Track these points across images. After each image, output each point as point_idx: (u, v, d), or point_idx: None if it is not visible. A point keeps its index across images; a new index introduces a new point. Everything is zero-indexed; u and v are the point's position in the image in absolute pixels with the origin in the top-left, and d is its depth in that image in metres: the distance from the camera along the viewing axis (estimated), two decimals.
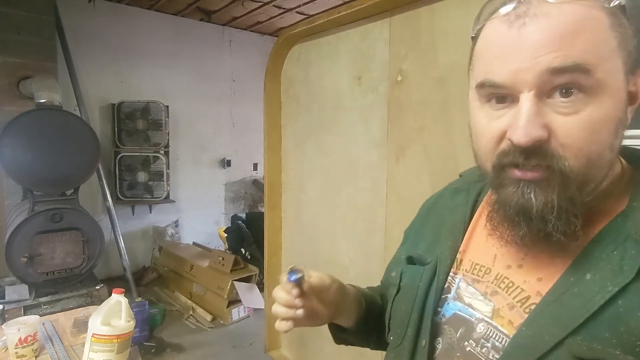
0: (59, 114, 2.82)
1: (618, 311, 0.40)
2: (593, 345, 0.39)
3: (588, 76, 0.40)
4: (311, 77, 2.22)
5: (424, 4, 1.59)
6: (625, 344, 0.38)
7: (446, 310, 0.55)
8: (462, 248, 0.58)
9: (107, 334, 1.09)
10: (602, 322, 0.40)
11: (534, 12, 0.42)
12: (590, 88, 0.41)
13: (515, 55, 0.43)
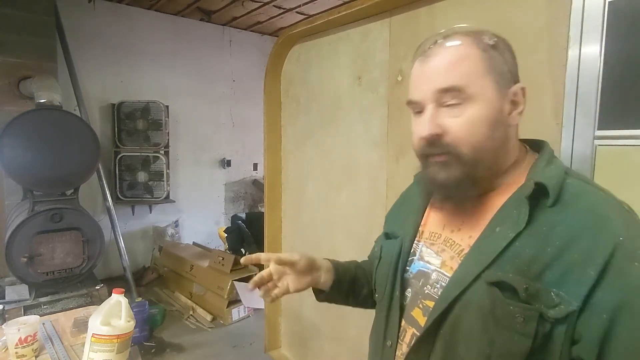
0: (59, 114, 2.82)
1: (516, 250, 0.58)
2: (498, 274, 0.58)
3: (462, 92, 0.61)
4: (311, 77, 2.22)
5: (423, 4, 1.59)
6: (519, 270, 0.57)
7: (413, 268, 0.74)
8: (423, 222, 0.78)
9: (107, 334, 1.09)
10: (506, 258, 0.59)
11: (434, 53, 0.64)
12: (466, 99, 0.62)
13: (422, 82, 0.65)
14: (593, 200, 0.60)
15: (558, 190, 0.60)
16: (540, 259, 0.56)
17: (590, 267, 0.53)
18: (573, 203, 0.59)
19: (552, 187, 0.60)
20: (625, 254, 0.53)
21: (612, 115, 1.06)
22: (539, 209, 0.60)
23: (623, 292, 0.52)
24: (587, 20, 1.10)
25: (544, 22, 1.22)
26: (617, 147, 1.06)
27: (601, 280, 0.52)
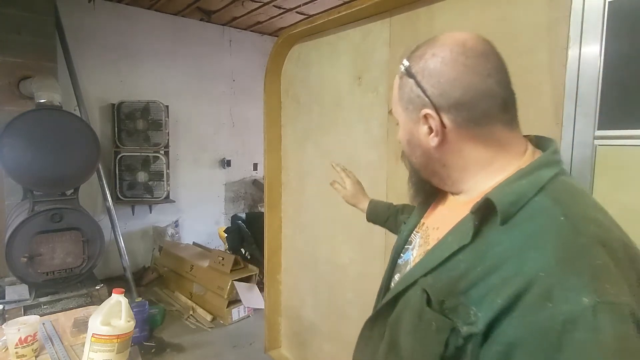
0: (59, 114, 2.82)
1: (455, 262, 0.58)
2: (429, 282, 0.60)
3: (393, 115, 0.71)
4: (311, 77, 2.22)
5: (423, 4, 1.59)
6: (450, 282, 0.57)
7: (405, 256, 0.78)
8: (426, 215, 0.79)
9: (107, 334, 1.09)
10: (445, 268, 0.59)
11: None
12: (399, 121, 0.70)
13: None
14: (542, 224, 0.53)
15: (510, 209, 0.55)
16: (470, 275, 0.55)
17: (501, 295, 0.50)
18: (523, 225, 0.54)
19: (503, 205, 0.55)
20: (541, 292, 0.47)
21: (612, 115, 1.06)
22: (490, 225, 0.57)
23: (524, 330, 0.48)
24: (587, 20, 1.10)
25: (544, 22, 1.22)
26: (617, 147, 1.06)
27: (509, 312, 0.49)
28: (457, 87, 0.60)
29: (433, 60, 0.62)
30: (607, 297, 0.45)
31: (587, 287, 0.46)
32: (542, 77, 1.23)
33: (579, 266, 0.48)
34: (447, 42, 0.63)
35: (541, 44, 1.23)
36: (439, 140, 0.63)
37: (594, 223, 0.54)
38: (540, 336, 0.46)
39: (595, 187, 1.09)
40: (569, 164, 1.14)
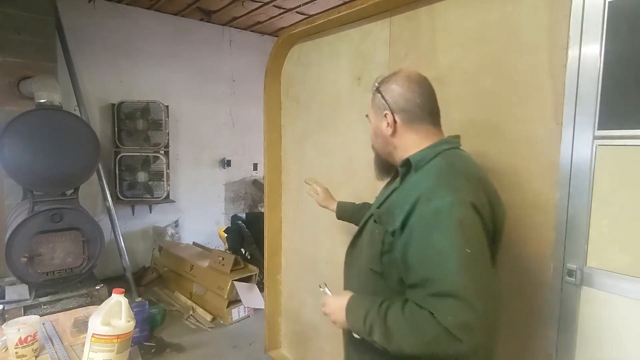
0: (59, 114, 2.82)
1: (391, 198, 1.00)
2: (377, 211, 1.01)
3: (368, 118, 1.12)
4: (311, 77, 2.22)
5: (424, 4, 1.59)
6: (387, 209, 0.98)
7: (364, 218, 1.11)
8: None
9: (107, 334, 1.09)
10: (386, 203, 1.01)
11: None
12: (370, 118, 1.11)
13: None
14: (431, 169, 0.94)
15: (419, 163, 0.97)
16: (396, 202, 0.97)
17: (408, 204, 0.89)
18: (424, 170, 0.96)
19: (415, 161, 0.98)
20: (426, 197, 0.87)
21: (612, 115, 1.06)
22: (410, 175, 1.00)
23: (418, 217, 0.87)
24: (587, 20, 1.10)
25: (544, 22, 1.22)
26: (617, 147, 1.06)
27: (412, 211, 0.88)
28: (403, 100, 1.02)
29: (391, 84, 1.05)
30: (459, 197, 0.85)
31: (450, 193, 0.86)
32: (542, 77, 1.23)
33: (446, 184, 0.88)
34: (400, 74, 1.06)
35: (541, 44, 1.23)
36: (392, 131, 1.04)
37: (461, 167, 0.95)
38: (425, 219, 0.86)
39: (595, 187, 1.09)
40: (569, 164, 1.14)
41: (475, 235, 0.84)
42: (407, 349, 0.83)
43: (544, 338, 1.24)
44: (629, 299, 1.05)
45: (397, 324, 0.84)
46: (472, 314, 0.76)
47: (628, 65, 1.02)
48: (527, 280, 1.30)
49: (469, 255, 0.80)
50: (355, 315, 0.93)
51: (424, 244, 0.84)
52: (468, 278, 0.79)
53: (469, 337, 0.76)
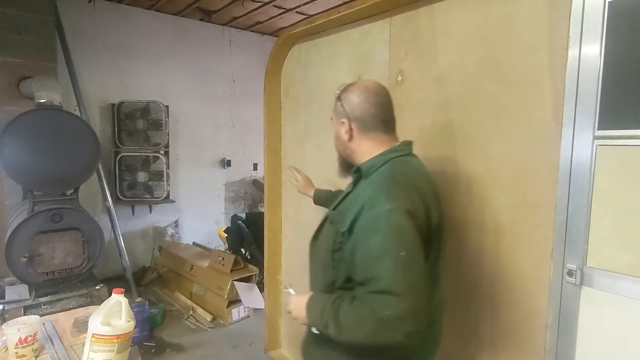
0: (59, 114, 2.82)
1: (344, 202, 1.11)
2: (331, 213, 1.13)
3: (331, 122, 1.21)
4: (311, 77, 2.22)
5: (424, 4, 1.59)
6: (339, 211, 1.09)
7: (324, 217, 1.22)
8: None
9: (107, 334, 1.09)
10: (340, 206, 1.11)
11: None
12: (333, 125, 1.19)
13: None
14: (376, 177, 1.06)
15: (368, 171, 1.09)
16: (347, 205, 1.08)
17: (355, 209, 1.01)
18: (372, 178, 1.07)
19: (364, 169, 1.11)
20: (369, 205, 0.98)
21: (612, 115, 1.06)
22: (361, 181, 1.11)
23: (362, 223, 0.99)
24: (587, 20, 1.10)
25: (544, 22, 1.22)
26: (617, 147, 1.06)
27: (358, 217, 0.99)
28: (359, 110, 1.11)
29: (350, 93, 1.13)
30: (396, 205, 0.95)
31: (388, 202, 0.96)
32: (542, 77, 1.23)
33: (386, 192, 0.98)
34: (359, 85, 1.15)
35: (541, 44, 1.23)
36: (348, 137, 1.14)
37: (402, 176, 1.05)
38: (367, 225, 0.97)
39: (595, 187, 1.09)
40: (569, 164, 1.14)
41: (409, 239, 0.94)
42: (354, 339, 0.97)
43: (544, 338, 1.24)
44: (629, 299, 1.05)
45: (346, 318, 0.96)
46: (404, 308, 0.89)
47: (628, 65, 1.02)
48: (527, 280, 1.30)
49: (403, 258, 0.92)
50: (314, 312, 1.05)
51: (366, 247, 0.96)
52: (401, 277, 0.91)
53: (401, 327, 0.89)
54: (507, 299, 1.37)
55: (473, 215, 1.46)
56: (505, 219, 1.36)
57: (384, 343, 0.94)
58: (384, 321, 0.89)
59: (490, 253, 1.42)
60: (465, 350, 1.53)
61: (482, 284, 1.45)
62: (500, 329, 1.41)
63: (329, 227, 1.11)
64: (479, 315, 1.47)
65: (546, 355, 1.23)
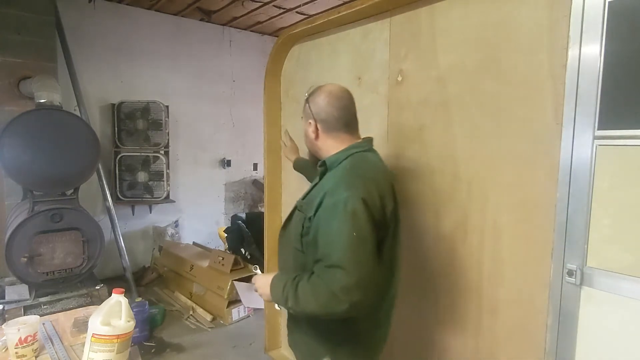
0: (59, 114, 2.82)
1: (311, 192, 1.23)
2: (300, 202, 1.25)
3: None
4: (311, 77, 2.22)
5: (424, 4, 1.59)
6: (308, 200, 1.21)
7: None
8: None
9: (107, 334, 1.09)
10: (308, 195, 1.23)
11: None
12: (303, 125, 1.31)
13: None
14: (338, 170, 1.19)
15: (332, 165, 1.22)
16: (314, 194, 1.19)
17: (319, 198, 1.14)
18: (334, 171, 1.20)
19: (329, 163, 1.23)
20: (330, 193, 1.12)
21: (612, 115, 1.06)
22: (327, 174, 1.22)
23: (323, 209, 1.12)
24: (587, 20, 1.10)
25: (544, 22, 1.22)
26: (617, 147, 1.06)
27: (320, 204, 1.12)
28: (323, 111, 1.23)
29: (316, 97, 1.25)
30: (353, 193, 1.07)
31: (346, 190, 1.08)
32: (542, 77, 1.23)
33: (345, 183, 1.11)
34: (324, 89, 1.26)
35: (541, 44, 1.23)
36: (315, 136, 1.27)
37: (361, 169, 1.17)
38: (328, 209, 1.10)
39: (595, 187, 1.09)
40: (569, 164, 1.14)
41: (361, 223, 1.06)
42: (308, 310, 1.08)
43: (544, 338, 1.24)
44: (629, 299, 1.05)
45: (303, 292, 1.08)
46: (349, 281, 1.02)
47: (628, 65, 1.02)
48: (527, 280, 1.30)
49: (354, 238, 1.05)
50: (277, 289, 1.16)
51: (326, 228, 1.10)
52: (351, 254, 1.04)
53: (347, 296, 1.01)
54: (507, 299, 1.38)
55: (473, 215, 1.46)
56: (505, 219, 1.36)
57: (333, 313, 1.05)
58: (333, 292, 1.02)
59: (490, 253, 1.42)
60: (465, 350, 1.53)
61: (482, 284, 1.45)
62: (500, 329, 1.41)
63: (298, 214, 1.23)
64: (479, 315, 1.47)
65: (546, 355, 1.23)
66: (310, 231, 1.15)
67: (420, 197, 1.66)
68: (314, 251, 1.13)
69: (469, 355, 1.51)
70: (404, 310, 1.80)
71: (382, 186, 1.16)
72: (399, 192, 1.30)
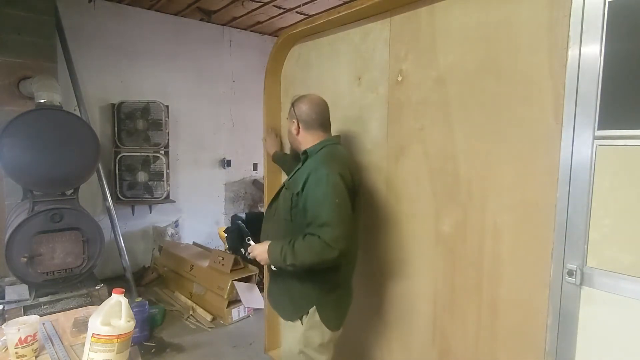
0: (59, 114, 2.82)
1: (295, 174, 1.59)
2: (287, 182, 1.62)
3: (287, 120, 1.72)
4: (311, 77, 2.22)
5: (424, 4, 1.59)
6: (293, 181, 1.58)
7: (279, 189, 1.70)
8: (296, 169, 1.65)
9: (107, 334, 1.09)
10: (293, 177, 1.60)
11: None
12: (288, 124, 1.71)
13: None
14: (318, 156, 1.53)
15: (312, 153, 1.56)
16: (298, 177, 1.52)
17: (304, 177, 1.47)
18: (313, 158, 1.54)
19: (309, 151, 1.58)
20: (313, 172, 1.46)
21: (612, 115, 1.06)
22: (307, 161, 1.56)
23: (309, 184, 1.45)
24: (587, 20, 1.10)
25: (544, 22, 1.22)
26: (617, 147, 1.06)
27: (307, 181, 1.45)
28: (305, 115, 1.61)
29: (300, 103, 1.63)
30: (332, 170, 1.44)
31: (326, 168, 1.44)
32: (542, 77, 1.23)
33: (325, 164, 1.47)
34: (306, 97, 1.64)
35: (541, 44, 1.23)
36: (296, 132, 1.63)
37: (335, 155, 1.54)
38: (313, 183, 1.44)
39: (595, 187, 1.09)
40: (569, 164, 1.14)
41: (340, 192, 1.42)
42: (307, 261, 1.40)
43: (544, 338, 1.24)
44: (629, 299, 1.05)
45: (300, 247, 1.41)
46: (337, 234, 1.37)
47: (628, 65, 1.02)
48: (527, 280, 1.30)
49: (337, 203, 1.40)
50: (275, 252, 1.47)
51: (313, 197, 1.43)
52: (336, 215, 1.39)
53: (337, 245, 1.36)
54: (507, 299, 1.38)
55: (473, 215, 1.46)
56: (505, 219, 1.36)
57: (326, 260, 1.38)
58: (327, 243, 1.36)
59: (490, 253, 1.42)
60: (465, 350, 1.53)
61: (482, 284, 1.45)
62: (500, 329, 1.41)
63: (285, 192, 1.57)
64: (479, 315, 1.47)
65: (546, 355, 1.23)
66: (299, 203, 1.48)
67: (420, 197, 1.66)
68: (302, 218, 1.47)
69: (469, 355, 1.51)
70: (405, 310, 1.80)
71: (350, 167, 1.55)
72: (399, 192, 1.29)
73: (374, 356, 1.95)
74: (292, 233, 1.49)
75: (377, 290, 1.89)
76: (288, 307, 1.60)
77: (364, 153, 1.91)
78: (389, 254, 1.81)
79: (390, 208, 1.79)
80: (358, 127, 1.94)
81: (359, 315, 1.92)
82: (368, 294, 1.92)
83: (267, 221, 1.71)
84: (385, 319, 1.88)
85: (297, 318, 1.56)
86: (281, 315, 1.65)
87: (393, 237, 1.79)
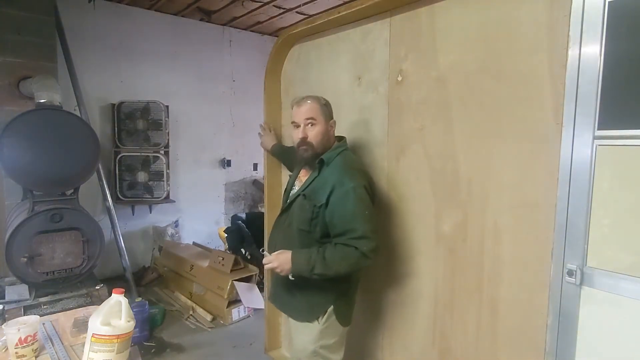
0: (59, 114, 2.82)
1: (313, 183, 1.59)
2: (305, 191, 1.59)
3: (314, 119, 1.58)
4: (311, 77, 2.22)
5: (424, 4, 1.59)
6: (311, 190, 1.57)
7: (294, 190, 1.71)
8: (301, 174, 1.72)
9: (107, 334, 1.09)
10: (310, 186, 1.59)
11: (302, 104, 1.61)
12: (315, 123, 1.58)
13: (298, 114, 1.60)
14: (336, 165, 1.55)
15: (329, 161, 1.57)
16: (318, 187, 1.55)
17: (328, 189, 1.50)
18: (332, 166, 1.56)
19: (326, 159, 1.57)
20: (339, 184, 1.49)
21: (612, 115, 1.06)
22: (324, 168, 1.56)
23: (335, 197, 1.49)
24: (587, 20, 1.10)
25: (544, 22, 1.22)
26: (617, 147, 1.06)
27: (331, 194, 1.49)
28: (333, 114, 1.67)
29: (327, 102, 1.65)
30: (357, 183, 1.50)
31: (352, 181, 1.49)
32: (542, 77, 1.23)
33: (349, 175, 1.51)
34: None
35: (541, 44, 1.23)
36: (330, 130, 1.63)
37: (353, 163, 1.61)
38: (341, 196, 1.48)
39: (595, 187, 1.09)
40: (569, 164, 1.14)
41: (368, 203, 1.50)
42: (342, 270, 1.47)
43: (544, 338, 1.24)
44: (629, 299, 1.05)
45: (333, 257, 1.46)
46: (374, 244, 1.45)
47: (628, 65, 1.02)
48: (527, 280, 1.30)
49: (367, 215, 1.47)
50: (300, 261, 1.48)
51: (343, 211, 1.47)
52: (369, 227, 1.46)
53: (373, 255, 1.46)
54: (507, 298, 1.38)
55: (473, 215, 1.46)
56: (506, 219, 1.36)
57: (360, 268, 1.52)
58: (364, 254, 1.43)
59: (490, 253, 1.42)
60: (465, 350, 1.53)
61: (483, 284, 1.45)
62: (500, 328, 1.41)
63: (304, 202, 1.56)
64: (479, 315, 1.47)
65: (546, 355, 1.23)
66: (320, 215, 1.51)
67: (420, 197, 1.66)
68: (323, 228, 1.52)
69: (469, 355, 1.51)
70: (405, 310, 1.80)
71: (367, 175, 1.65)
72: (400, 192, 1.29)
73: (375, 356, 1.95)
74: (309, 244, 1.53)
75: (377, 290, 1.89)
76: (304, 309, 1.61)
77: (365, 153, 1.91)
78: (389, 253, 1.81)
79: (391, 208, 1.79)
80: (358, 127, 1.94)
81: (359, 315, 1.92)
82: (368, 294, 1.92)
83: (277, 229, 1.71)
84: (385, 318, 1.88)
85: (314, 319, 1.58)
86: (293, 317, 1.66)
87: (393, 237, 1.79)
